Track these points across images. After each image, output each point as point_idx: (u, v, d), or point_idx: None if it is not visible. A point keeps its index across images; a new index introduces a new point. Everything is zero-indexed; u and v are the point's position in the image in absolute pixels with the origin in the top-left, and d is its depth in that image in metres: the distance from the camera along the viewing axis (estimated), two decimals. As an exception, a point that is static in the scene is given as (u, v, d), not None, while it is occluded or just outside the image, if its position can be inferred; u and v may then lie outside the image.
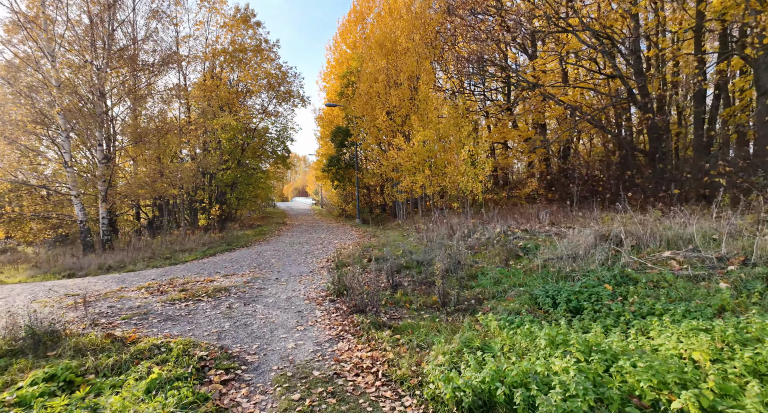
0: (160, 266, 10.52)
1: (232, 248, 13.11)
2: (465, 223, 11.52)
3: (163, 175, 21.09)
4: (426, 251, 8.23)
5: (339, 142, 24.32)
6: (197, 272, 8.49)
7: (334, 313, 5.14)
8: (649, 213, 9.27)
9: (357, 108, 18.68)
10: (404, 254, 9.19)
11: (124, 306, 5.63)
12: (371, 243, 11.99)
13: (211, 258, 11.07)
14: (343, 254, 9.78)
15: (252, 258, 10.18)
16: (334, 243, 13.15)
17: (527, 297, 4.94)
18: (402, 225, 17.04)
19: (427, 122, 15.26)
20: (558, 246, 6.75)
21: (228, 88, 23.23)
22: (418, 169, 15.74)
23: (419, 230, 13.74)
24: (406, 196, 17.71)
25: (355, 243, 12.68)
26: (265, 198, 33.55)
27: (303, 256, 10.27)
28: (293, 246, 12.67)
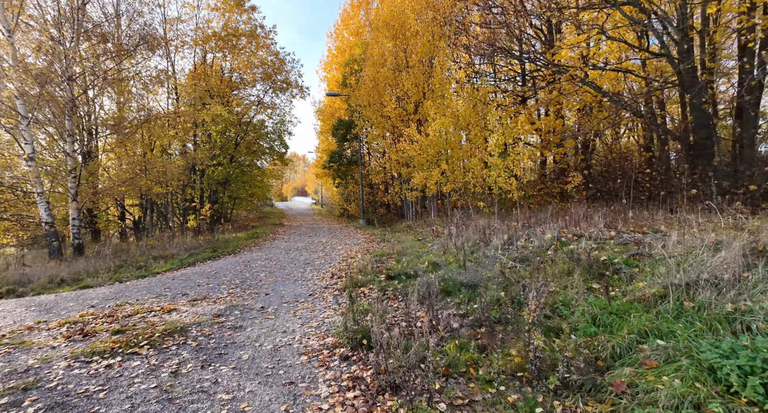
0: (125, 280, 8.32)
1: (217, 255, 10.90)
2: (498, 227, 9.35)
3: (147, 171, 18.95)
4: (468, 267, 6.04)
5: (341, 136, 22.12)
6: (160, 293, 6.30)
7: (350, 391, 2.93)
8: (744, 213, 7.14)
9: (362, 96, 16.48)
10: (431, 267, 7.01)
11: (3, 368, 3.43)
12: (383, 250, 9.82)
13: (188, 270, 8.87)
14: (352, 266, 7.61)
15: (236, 272, 7.98)
16: (338, 249, 10.97)
17: (692, 367, 2.77)
18: (413, 228, 14.87)
19: (443, 109, 13.08)
20: (668, 263, 4.60)
21: (220, 76, 21.01)
22: (433, 163, 13.56)
23: (437, 234, 11.56)
24: (417, 195, 15.54)
25: (363, 249, 10.50)
26: (262, 197, 31.34)
27: (301, 268, 8.09)
28: (289, 253, 10.47)
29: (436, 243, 10.29)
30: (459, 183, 13.10)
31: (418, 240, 11.58)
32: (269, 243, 13.07)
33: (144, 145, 19.50)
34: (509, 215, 11.05)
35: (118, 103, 18.71)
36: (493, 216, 11.36)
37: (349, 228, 17.62)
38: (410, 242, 11.07)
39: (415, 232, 13.44)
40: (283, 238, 14.38)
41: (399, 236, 13.12)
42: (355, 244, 11.75)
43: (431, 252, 8.63)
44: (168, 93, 20.90)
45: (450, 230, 11.09)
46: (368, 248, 10.72)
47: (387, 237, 13.24)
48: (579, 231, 7.92)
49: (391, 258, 8.44)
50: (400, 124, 15.25)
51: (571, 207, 11.49)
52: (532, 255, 6.78)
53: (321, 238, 13.80)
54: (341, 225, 20.25)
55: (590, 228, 8.38)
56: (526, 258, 6.67)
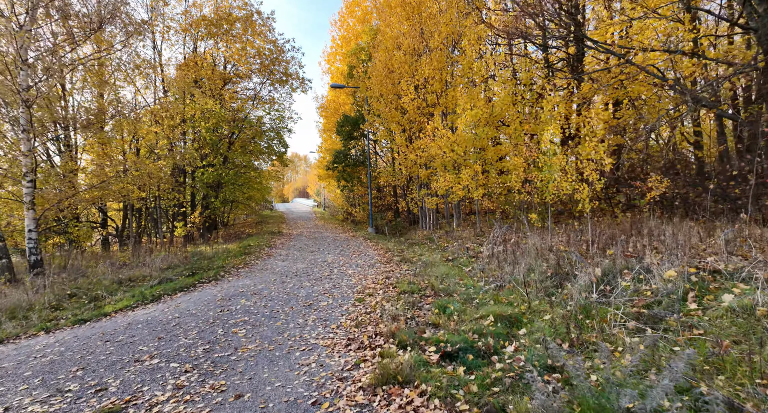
0: (59, 327, 5.81)
1: (194, 283, 8.32)
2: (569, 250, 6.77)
3: (126, 173, 16.43)
4: (601, 348, 3.46)
5: (346, 133, 19.56)
6: (66, 379, 3.78)
7: None
8: None
9: (373, 85, 13.90)
10: (502, 328, 4.43)
11: None
12: (410, 280, 7.25)
13: (146, 311, 6.30)
14: (375, 320, 5.05)
15: (206, 323, 5.40)
16: (349, 274, 8.40)
17: None
18: (434, 240, 12.30)
19: (474, 97, 10.52)
20: None
21: (212, 66, 18.45)
22: (463, 164, 11.00)
23: (474, 253, 8.99)
24: (438, 201, 12.97)
25: (381, 277, 7.92)
26: (261, 200, 28.77)
27: (300, 316, 5.52)
28: (286, 282, 7.89)
29: (477, 268, 7.72)
30: (498, 188, 10.53)
31: (447, 261, 9.01)
32: (262, 261, 10.51)
33: (124, 143, 16.96)
34: (564, 229, 8.48)
35: (92, 94, 16.19)
36: (547, 231, 8.79)
37: (356, 239, 15.06)
38: (440, 264, 8.49)
39: (439, 248, 10.87)
40: (279, 254, 11.81)
41: (420, 252, 10.55)
42: (369, 266, 9.18)
43: (480, 287, 6.05)
44: (154, 86, 18.36)
45: (492, 249, 8.52)
46: (388, 274, 8.15)
47: (406, 253, 10.67)
48: (707, 262, 5.34)
49: (427, 300, 5.87)
50: (419, 118, 12.67)
51: (642, 220, 8.90)
52: (664, 310, 4.21)
53: (326, 255, 11.23)
54: (347, 233, 17.68)
55: (709, 256, 5.81)
56: (657, 318, 4.10)
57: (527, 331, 4.25)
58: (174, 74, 18.39)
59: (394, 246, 12.23)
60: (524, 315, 4.75)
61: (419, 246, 12.42)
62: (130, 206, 17.77)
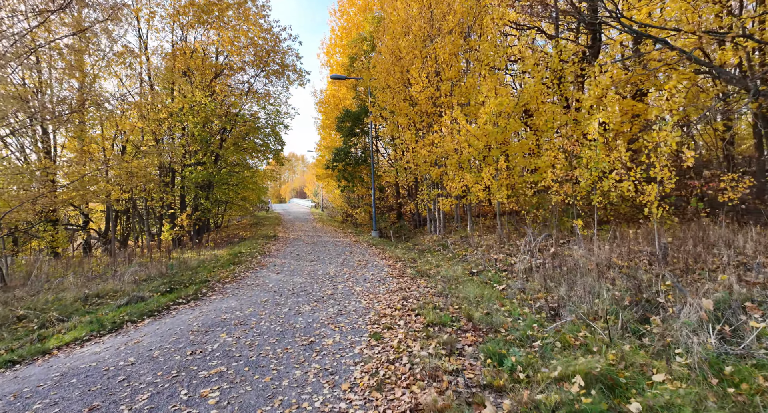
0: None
1: (168, 305, 6.76)
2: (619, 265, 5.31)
3: (109, 171, 14.89)
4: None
5: (347, 130, 18.03)
6: None
7: None
8: None
9: (378, 74, 12.38)
10: (599, 400, 2.96)
11: None
12: (434, 300, 5.75)
13: (91, 351, 4.78)
14: (403, 376, 3.54)
15: (167, 377, 3.85)
16: (356, 291, 6.90)
17: None
18: (448, 247, 10.83)
19: (494, 84, 9.04)
20: None
21: (202, 56, 16.87)
22: (483, 161, 9.52)
23: (506, 267, 7.51)
24: (452, 203, 11.50)
25: (397, 294, 6.39)
26: (256, 200, 27.16)
27: (298, 364, 3.98)
28: (279, 304, 6.35)
29: (514, 287, 6.24)
30: (524, 188, 9.05)
31: (471, 275, 7.54)
32: (253, 274, 8.96)
33: (104, 139, 15.36)
34: (614, 238, 7.02)
35: (70, 86, 14.58)
36: (590, 240, 7.32)
37: (360, 245, 13.54)
38: (466, 280, 7.01)
39: (456, 257, 9.39)
40: (274, 264, 10.28)
41: (436, 263, 9.06)
42: (380, 281, 7.66)
43: (531, 319, 4.55)
44: (140, 78, 16.73)
45: (531, 263, 7.03)
46: (404, 293, 6.64)
47: (420, 264, 9.17)
48: None
49: (466, 337, 4.38)
50: (430, 110, 11.17)
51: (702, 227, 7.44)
52: None
53: (327, 265, 9.71)
54: (348, 237, 16.16)
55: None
56: None
57: (642, 409, 2.77)
58: (161, 65, 16.81)
59: (404, 254, 10.74)
60: (620, 373, 3.27)
61: (431, 253, 10.94)
62: (114, 208, 16.16)
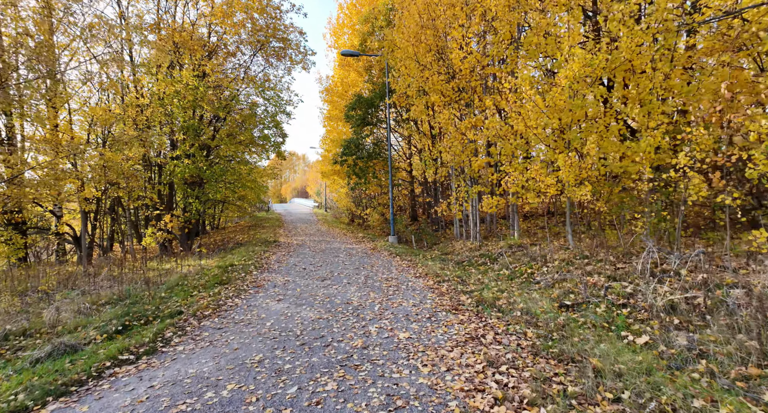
0: None
1: (99, 369, 4.05)
2: None
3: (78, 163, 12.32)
4: None
5: (359, 119, 15.41)
6: None
7: None
8: None
9: (404, 41, 9.75)
10: None
11: None
12: (544, 368, 3.15)
13: None
14: None
15: None
16: (401, 340, 4.19)
17: None
18: (497, 259, 8.23)
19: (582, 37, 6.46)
20: None
21: (191, 32, 14.23)
22: (554, 145, 6.92)
23: (626, 301, 4.89)
24: (500, 202, 8.87)
25: (470, 348, 3.68)
26: (256, 200, 24.26)
27: None
28: (282, 373, 3.64)
29: (681, 345, 3.60)
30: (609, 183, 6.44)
31: (563, 308, 4.93)
32: (245, 301, 6.32)
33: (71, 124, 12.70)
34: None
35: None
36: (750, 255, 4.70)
37: (379, 254, 10.91)
38: (568, 322, 4.40)
39: (517, 275, 6.77)
40: (273, 284, 7.63)
41: (494, 284, 6.44)
42: (430, 318, 5.03)
43: None
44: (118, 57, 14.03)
45: (676, 293, 4.41)
46: (480, 345, 4.02)
47: (473, 287, 6.54)
48: None
49: None
50: (474, 82, 8.55)
51: None
52: None
53: (345, 286, 7.07)
54: (362, 243, 13.50)
55: None
56: None
57: None
58: (141, 39, 14.15)
59: (442, 269, 8.10)
60: None
61: (476, 268, 8.31)
62: (84, 208, 13.52)
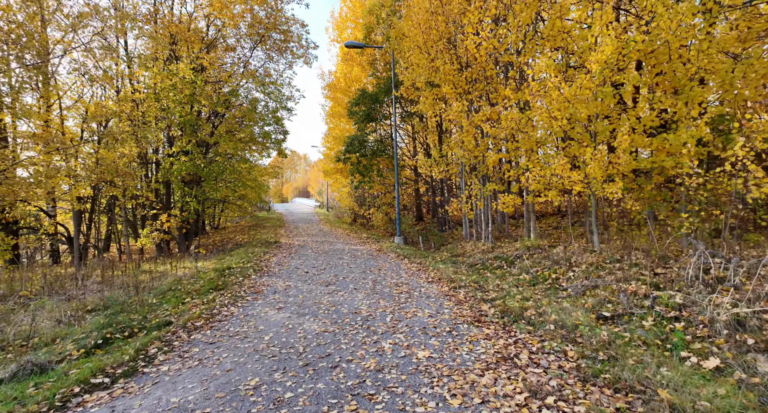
0: None
1: (67, 396, 3.50)
2: None
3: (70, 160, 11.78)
4: None
5: (363, 114, 14.78)
6: None
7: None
8: None
9: (412, 29, 9.12)
10: None
11: None
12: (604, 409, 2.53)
13: None
14: None
15: None
16: (420, 360, 3.51)
17: None
18: (514, 262, 7.60)
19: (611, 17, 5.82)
20: None
21: (187, 23, 13.63)
22: (579, 138, 6.29)
23: (679, 315, 4.21)
24: (515, 202, 8.24)
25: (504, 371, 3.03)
26: (257, 200, 23.64)
27: None
28: (282, 405, 3.11)
29: None
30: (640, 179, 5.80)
31: (601, 320, 4.29)
32: (242, 310, 5.69)
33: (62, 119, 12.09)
34: None
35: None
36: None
37: (385, 255, 10.28)
38: (614, 339, 3.75)
39: (540, 280, 6.15)
40: (273, 290, 7.00)
41: (516, 290, 5.81)
42: (451, 333, 4.39)
43: None
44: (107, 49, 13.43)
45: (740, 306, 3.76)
46: (515, 367, 3.40)
47: (494, 293, 5.90)
48: None
49: None
50: (489, 71, 7.91)
51: None
52: None
53: (352, 293, 6.43)
54: (366, 244, 12.88)
55: None
56: None
57: None
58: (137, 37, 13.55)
59: (455, 273, 7.46)
60: None
61: (492, 272, 7.67)
62: (76, 207, 12.93)
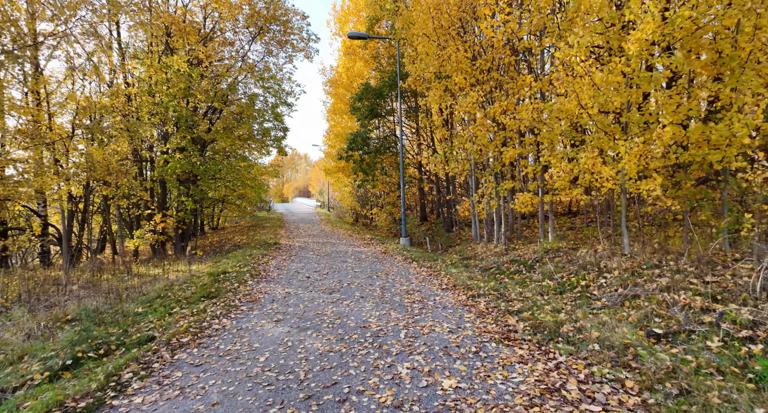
0: None
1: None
2: None
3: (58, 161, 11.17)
4: None
5: (366, 109, 14.10)
6: None
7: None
8: None
9: (420, 15, 8.43)
10: None
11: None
12: None
13: None
14: None
15: None
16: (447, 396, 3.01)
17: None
18: (533, 266, 6.92)
19: None
20: None
21: (183, 13, 12.96)
22: (615, 129, 5.59)
23: (752, 333, 3.54)
24: (534, 200, 7.55)
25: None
26: (256, 199, 22.85)
27: None
28: None
29: None
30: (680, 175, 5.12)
31: (652, 338, 3.60)
32: (234, 322, 5.00)
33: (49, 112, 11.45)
34: None
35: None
36: None
37: (392, 258, 9.60)
38: (677, 366, 3.08)
39: (566, 287, 5.46)
40: (271, 299, 6.31)
41: (541, 299, 5.12)
42: (478, 354, 3.70)
43: None
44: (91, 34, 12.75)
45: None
46: (556, 396, 2.73)
47: (519, 304, 5.22)
48: None
49: None
50: (507, 59, 7.22)
51: None
52: None
53: (359, 303, 5.74)
54: (371, 246, 12.19)
55: None
56: None
57: None
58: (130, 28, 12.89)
59: (470, 279, 6.78)
60: None
61: (508, 276, 6.99)
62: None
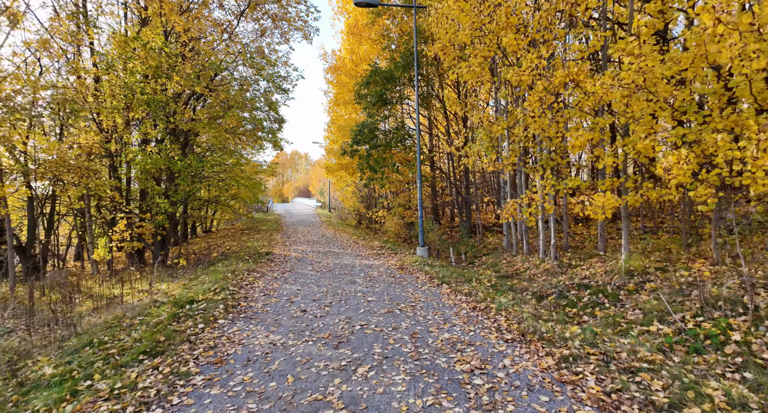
0: None
1: None
2: None
3: None
4: None
5: (375, 96, 11.96)
6: None
7: None
8: None
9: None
10: None
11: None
12: None
13: None
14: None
15: None
16: None
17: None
18: (609, 292, 4.83)
19: None
20: None
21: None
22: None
23: None
24: (613, 205, 5.43)
25: None
26: (251, 200, 20.42)
27: None
28: None
29: None
30: None
31: None
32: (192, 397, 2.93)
33: None
34: None
35: None
36: None
37: (412, 275, 7.47)
38: None
39: (684, 338, 3.39)
40: (243, 359, 4.15)
41: (704, 381, 3.04)
42: None
43: None
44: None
45: None
46: None
47: (674, 397, 3.13)
48: None
49: None
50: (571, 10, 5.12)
51: None
52: None
53: (385, 377, 3.63)
54: (381, 256, 10.04)
55: None
56: None
57: None
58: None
59: (536, 319, 4.67)
60: None
61: (586, 313, 4.90)
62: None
